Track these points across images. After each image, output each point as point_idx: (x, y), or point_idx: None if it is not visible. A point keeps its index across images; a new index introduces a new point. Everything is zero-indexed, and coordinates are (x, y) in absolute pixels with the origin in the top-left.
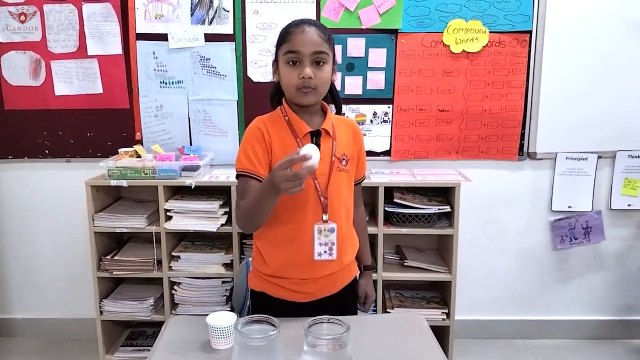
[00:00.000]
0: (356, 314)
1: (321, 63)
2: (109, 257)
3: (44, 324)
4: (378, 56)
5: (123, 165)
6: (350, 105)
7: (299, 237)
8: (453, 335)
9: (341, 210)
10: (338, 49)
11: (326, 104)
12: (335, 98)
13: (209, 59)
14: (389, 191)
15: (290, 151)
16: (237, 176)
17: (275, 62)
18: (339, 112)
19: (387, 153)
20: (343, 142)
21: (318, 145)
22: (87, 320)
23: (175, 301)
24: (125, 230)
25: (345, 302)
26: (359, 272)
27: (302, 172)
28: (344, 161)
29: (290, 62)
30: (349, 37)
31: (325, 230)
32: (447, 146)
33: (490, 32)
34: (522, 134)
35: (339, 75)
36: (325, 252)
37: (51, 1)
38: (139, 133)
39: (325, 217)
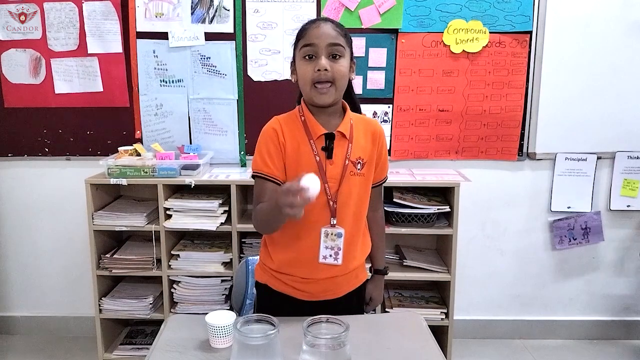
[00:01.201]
0: None
1: (337, 56)
2: (108, 255)
3: (43, 322)
4: (378, 56)
5: (123, 163)
6: None
7: (305, 236)
8: (452, 335)
9: (351, 216)
10: None
11: (346, 103)
12: (354, 100)
13: (209, 58)
14: (389, 191)
15: (303, 154)
16: (253, 176)
17: (293, 62)
18: (355, 111)
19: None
20: (360, 144)
21: (331, 149)
22: (86, 318)
23: (175, 300)
24: (124, 228)
25: (349, 308)
26: (371, 274)
27: (297, 202)
28: (359, 165)
29: (307, 57)
30: None
31: (332, 234)
32: (447, 146)
33: (490, 32)
34: (522, 135)
35: None
36: (330, 255)
37: None
38: (138, 131)
39: (333, 221)
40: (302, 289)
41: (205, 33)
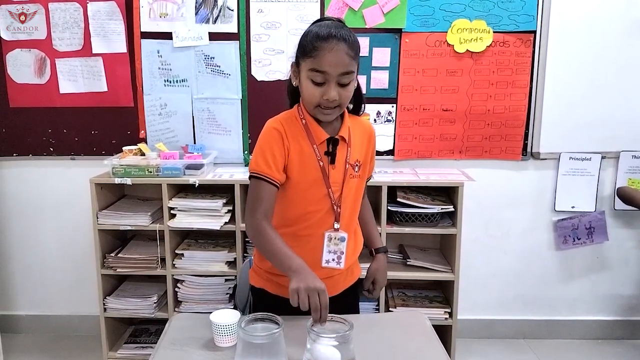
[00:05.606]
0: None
1: (348, 82)
2: (112, 254)
3: (47, 321)
4: (382, 55)
5: (127, 163)
6: None
7: (305, 238)
8: (455, 334)
9: (352, 219)
10: None
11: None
12: (359, 97)
13: (213, 58)
14: (392, 190)
15: (307, 158)
16: (250, 177)
17: (296, 66)
18: (357, 110)
19: (390, 152)
20: (357, 147)
21: (334, 154)
22: (90, 317)
23: (179, 299)
24: (129, 227)
25: (345, 304)
26: (372, 255)
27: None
28: (356, 167)
29: (314, 81)
30: None
31: (335, 238)
32: (451, 146)
33: (494, 32)
34: (526, 134)
35: None
36: (333, 260)
37: None
38: (143, 131)
39: (337, 226)
40: None
41: (209, 33)
